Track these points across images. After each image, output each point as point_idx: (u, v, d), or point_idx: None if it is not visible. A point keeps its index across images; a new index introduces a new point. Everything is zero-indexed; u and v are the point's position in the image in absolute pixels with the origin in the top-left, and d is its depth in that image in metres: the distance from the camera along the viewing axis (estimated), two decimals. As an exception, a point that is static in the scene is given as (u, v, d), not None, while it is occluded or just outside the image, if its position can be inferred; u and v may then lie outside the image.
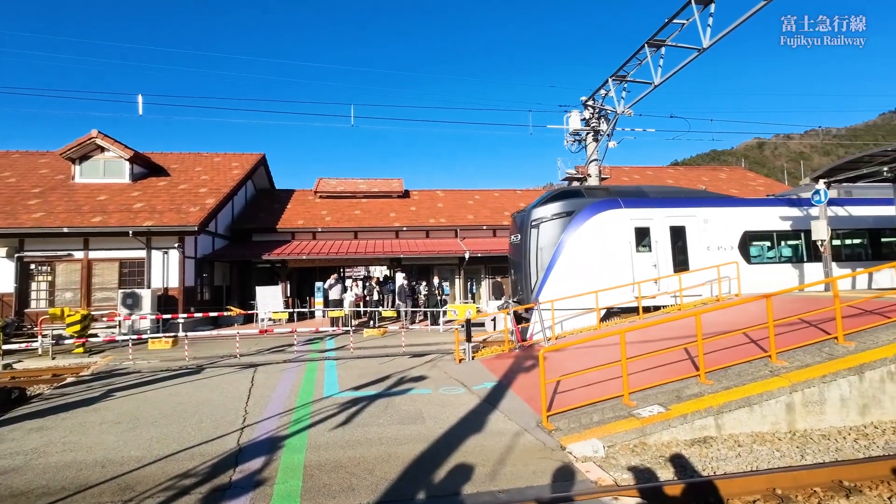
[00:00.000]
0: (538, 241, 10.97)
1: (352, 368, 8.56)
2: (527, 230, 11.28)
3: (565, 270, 10.62)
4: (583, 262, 10.71)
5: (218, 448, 4.60)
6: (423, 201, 23.68)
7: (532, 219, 11.22)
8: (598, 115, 15.38)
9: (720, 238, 11.56)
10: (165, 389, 7.27)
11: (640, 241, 11.21)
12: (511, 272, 12.47)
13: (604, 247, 10.92)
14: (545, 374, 5.18)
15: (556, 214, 11.06)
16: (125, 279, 14.89)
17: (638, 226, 11.23)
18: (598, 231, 10.93)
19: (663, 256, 11.23)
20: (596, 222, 10.94)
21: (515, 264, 11.98)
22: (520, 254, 11.54)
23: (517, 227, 11.99)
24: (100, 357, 11.04)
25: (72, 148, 17.00)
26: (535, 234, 11.04)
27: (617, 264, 10.87)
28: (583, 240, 10.81)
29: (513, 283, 12.26)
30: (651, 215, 11.34)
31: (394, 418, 5.47)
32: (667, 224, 11.38)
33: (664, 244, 11.27)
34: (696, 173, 29.35)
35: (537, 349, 8.89)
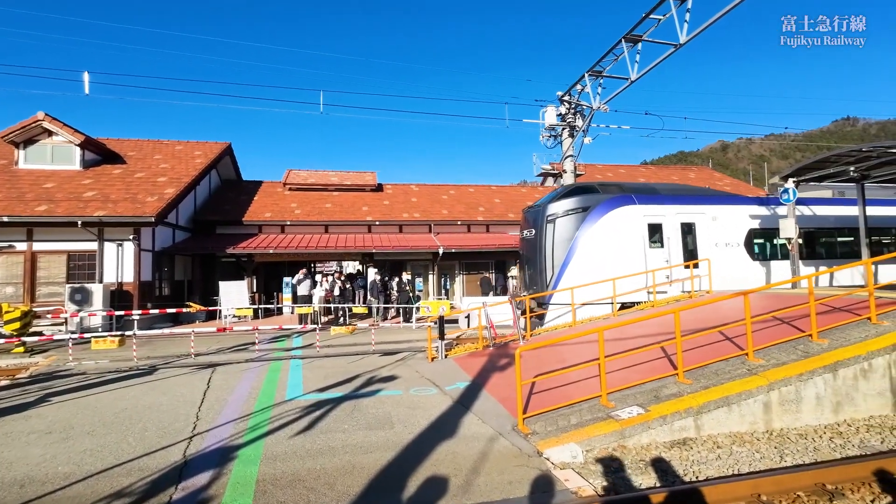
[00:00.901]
0: (554, 236, 11.07)
1: (318, 368, 8.11)
2: (542, 225, 11.35)
3: (581, 265, 10.72)
4: (598, 256, 10.83)
5: (161, 461, 4.12)
6: (396, 195, 23.19)
7: (547, 214, 11.29)
8: (574, 110, 15.30)
9: (727, 235, 11.91)
10: (110, 393, 6.64)
11: (653, 236, 11.42)
12: (524, 267, 12.51)
13: (619, 242, 11.09)
14: (521, 374, 4.92)
15: (572, 210, 11.15)
16: (74, 273, 13.85)
17: (651, 222, 11.44)
18: (613, 226, 11.09)
19: (675, 252, 11.46)
20: (611, 218, 11.09)
21: (528, 259, 12.04)
22: (534, 249, 11.61)
23: (530, 222, 12.07)
24: (42, 357, 10.18)
25: (14, 131, 15.67)
26: (551, 230, 11.13)
27: (631, 259, 11.02)
28: (599, 235, 10.94)
29: (527, 278, 12.17)
30: (663, 212, 11.59)
31: (360, 423, 5.09)
32: (678, 221, 11.64)
33: (675, 240, 11.53)
34: (667, 172, 29.95)
35: (513, 347, 8.67)
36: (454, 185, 25.86)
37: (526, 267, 12.27)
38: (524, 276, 12.47)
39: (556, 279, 10.88)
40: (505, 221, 21.49)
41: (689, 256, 11.54)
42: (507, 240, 19.85)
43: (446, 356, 8.60)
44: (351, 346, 10.55)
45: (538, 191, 26.34)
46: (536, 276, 11.44)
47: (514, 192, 25.76)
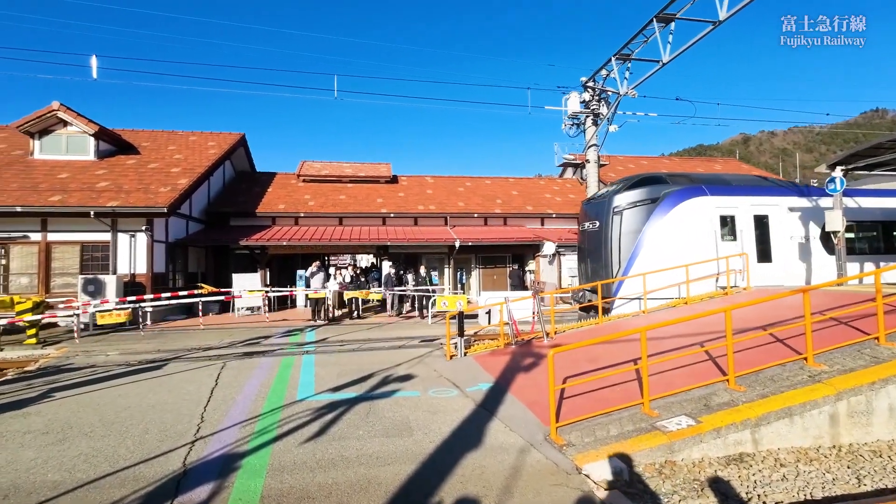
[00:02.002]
0: (621, 228, 10.73)
1: (331, 365, 7.72)
2: (607, 217, 11.03)
3: (650, 258, 10.29)
4: (668, 249, 10.38)
5: (158, 470, 3.74)
6: (411, 187, 22.73)
7: (613, 206, 10.96)
8: (599, 97, 14.60)
9: (803, 228, 11.35)
10: (115, 389, 6.34)
11: (726, 229, 10.94)
12: (585, 260, 12.19)
13: (689, 234, 10.62)
14: (546, 378, 4.42)
15: (640, 201, 10.74)
16: (88, 264, 13.74)
17: (723, 214, 10.97)
18: (683, 218, 10.64)
19: (748, 245, 10.99)
20: (682, 210, 10.62)
21: (591, 252, 11.74)
22: (597, 242, 11.29)
23: (592, 214, 11.76)
24: (54, 349, 10.01)
25: (30, 121, 15.61)
26: (618, 222, 10.80)
27: (702, 253, 10.54)
28: (668, 227, 10.50)
29: (589, 271, 11.77)
30: (736, 203, 11.10)
31: (376, 429, 4.66)
32: (751, 213, 11.15)
33: (748, 233, 11.05)
34: (692, 164, 28.90)
35: (536, 345, 8.17)
36: (470, 176, 25.29)
37: (588, 260, 11.91)
38: (585, 269, 12.11)
39: (622, 273, 10.51)
40: (523, 214, 20.90)
41: (762, 250, 11.10)
42: (525, 233, 19.26)
43: (465, 354, 8.13)
44: (365, 342, 10.16)
45: (556, 183, 25.62)
46: (601, 269, 11.10)
47: (532, 184, 25.08)
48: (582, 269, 12.51)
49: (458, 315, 8.23)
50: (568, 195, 23.37)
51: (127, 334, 11.79)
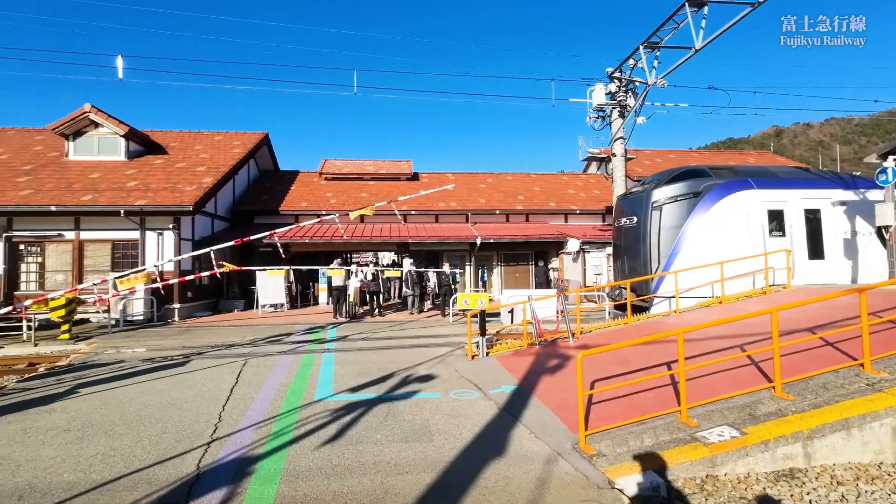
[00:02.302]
0: (660, 224, 10.33)
1: (351, 363, 7.61)
2: (645, 212, 10.62)
3: (692, 255, 9.85)
4: (711, 246, 9.88)
5: (172, 472, 3.65)
6: (432, 184, 22.51)
7: (652, 201, 10.55)
8: (626, 88, 14.07)
9: (858, 223, 10.65)
10: (138, 386, 6.38)
11: (774, 224, 10.38)
12: (621, 257, 11.85)
13: (735, 230, 10.11)
14: (575, 381, 4.14)
15: (681, 195, 10.30)
16: (118, 261, 14.09)
17: (771, 208, 10.41)
18: (728, 213, 10.15)
19: (798, 241, 10.40)
20: (726, 204, 10.14)
21: (628, 249, 11.36)
22: (635, 238, 10.91)
23: (629, 210, 11.38)
24: (85, 344, 10.27)
25: (64, 123, 16.12)
26: (657, 217, 10.39)
27: (748, 249, 10.00)
28: (712, 222, 10.04)
29: (626, 268, 11.45)
30: (785, 197, 10.52)
31: (395, 432, 4.48)
32: (801, 207, 10.53)
33: (799, 228, 10.45)
34: (723, 157, 27.74)
35: (561, 346, 7.86)
36: (492, 173, 24.95)
37: (625, 257, 11.52)
38: (622, 266, 11.72)
39: (662, 270, 10.10)
40: (546, 210, 20.46)
41: (813, 246, 10.50)
42: (548, 229, 18.84)
43: (488, 354, 7.89)
44: (386, 340, 10.04)
45: (580, 178, 25.00)
46: (639, 267, 10.70)
47: (555, 179, 24.54)
48: (618, 267, 12.10)
49: (479, 314, 8.00)
50: (592, 191, 22.76)
51: (154, 330, 12.03)
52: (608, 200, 21.17)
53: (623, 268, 11.59)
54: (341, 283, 13.80)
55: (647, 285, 10.18)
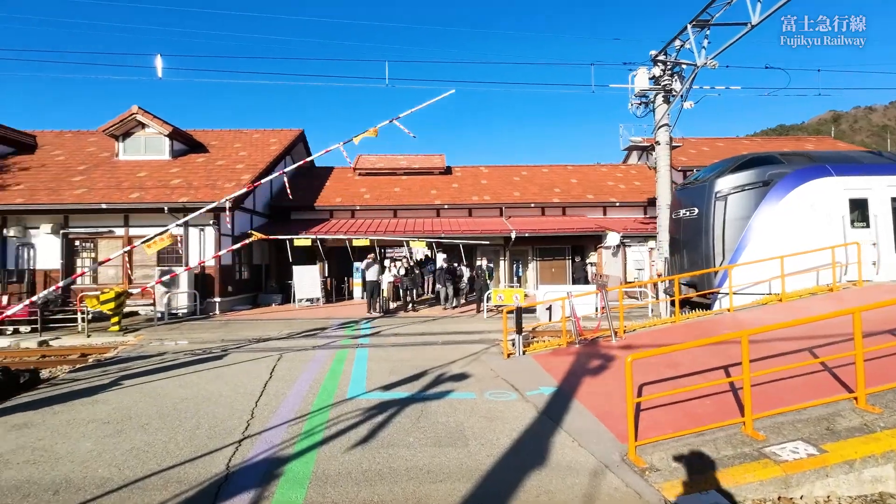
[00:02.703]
0: (725, 215, 9.63)
1: (384, 360, 7.47)
2: (708, 203, 9.93)
3: (760, 249, 9.17)
4: (783, 239, 9.17)
5: (202, 471, 3.58)
6: (465, 178, 22.24)
7: (716, 190, 9.84)
8: (671, 71, 13.21)
9: None
10: (178, 379, 6.48)
11: (856, 215, 9.48)
12: (679, 251, 11.20)
13: (810, 221, 9.31)
14: (620, 385, 3.77)
15: (749, 185, 9.58)
16: (163, 257, 14.63)
17: (853, 197, 9.48)
18: (803, 203, 9.33)
19: (884, 233, 9.43)
20: (801, 193, 9.33)
21: (687, 243, 10.72)
22: (695, 231, 10.25)
23: (689, 201, 10.71)
24: (133, 336, 10.68)
25: (114, 125, 16.89)
26: (721, 208, 9.69)
27: (825, 242, 9.20)
28: (784, 213, 9.28)
29: (685, 263, 10.85)
30: (869, 184, 9.54)
31: (428, 436, 4.26)
32: (888, 195, 9.51)
33: (885, 219, 9.48)
34: (777, 144, 25.90)
35: (603, 345, 7.43)
36: (526, 165, 24.32)
37: (684, 251, 10.84)
38: (679, 261, 11.05)
39: (727, 265, 9.40)
40: (583, 203, 19.73)
41: None
42: (586, 223, 18.14)
43: (524, 352, 7.57)
44: (419, 336, 9.88)
45: (619, 169, 23.98)
46: (699, 261, 10.04)
47: (593, 171, 23.65)
48: (675, 261, 11.37)
49: (515, 310, 7.67)
50: (633, 182, 21.78)
51: (196, 323, 12.40)
52: (650, 192, 20.17)
53: (681, 262, 10.87)
54: (375, 277, 13.77)
55: (709, 281, 9.46)
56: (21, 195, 14.13)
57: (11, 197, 14.01)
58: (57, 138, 19.96)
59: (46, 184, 14.96)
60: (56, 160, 17.27)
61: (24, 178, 15.46)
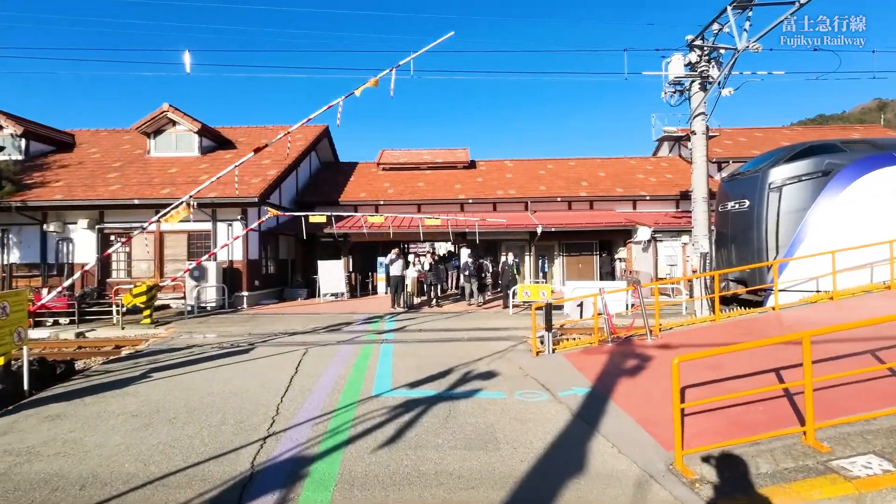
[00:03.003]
0: (779, 207, 9.12)
1: (410, 356, 7.33)
2: (760, 195, 9.42)
3: (819, 242, 8.64)
4: (845, 231, 8.63)
5: (227, 470, 3.49)
6: (490, 172, 21.91)
7: (769, 180, 9.32)
8: (708, 57, 12.55)
9: None
10: (205, 372, 6.50)
11: None
12: (726, 245, 10.69)
13: (877, 213, 8.71)
14: (663, 387, 3.48)
15: (806, 175, 9.07)
16: (193, 251, 14.94)
17: None
18: (868, 194, 8.76)
19: None
20: (866, 183, 8.76)
21: (735, 237, 10.23)
22: (745, 224, 9.75)
23: (737, 192, 10.19)
24: (164, 329, 10.90)
25: (146, 122, 17.31)
26: (776, 199, 9.19)
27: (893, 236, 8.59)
28: (846, 205, 8.75)
29: (732, 258, 10.34)
30: None
31: (457, 437, 4.08)
32: None
33: None
34: (820, 133, 24.50)
35: (638, 344, 7.08)
36: (552, 159, 23.79)
37: (732, 246, 10.29)
38: (727, 255, 10.51)
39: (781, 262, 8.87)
40: (612, 197, 19.13)
41: None
42: (615, 217, 17.58)
43: (554, 350, 7.29)
44: (445, 332, 9.71)
45: (649, 162, 23.17)
46: (749, 256, 9.52)
47: (622, 164, 22.92)
48: (722, 256, 10.80)
49: (544, 307, 7.39)
50: (664, 175, 21.00)
51: (225, 317, 12.58)
52: (683, 185, 19.39)
53: (728, 257, 10.29)
54: (399, 272, 13.67)
55: (760, 277, 8.91)
56: (60, 191, 14.63)
57: (51, 193, 14.53)
58: (94, 136, 20.65)
59: (83, 180, 15.46)
60: (92, 158, 17.85)
61: (63, 174, 16.02)
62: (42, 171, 16.31)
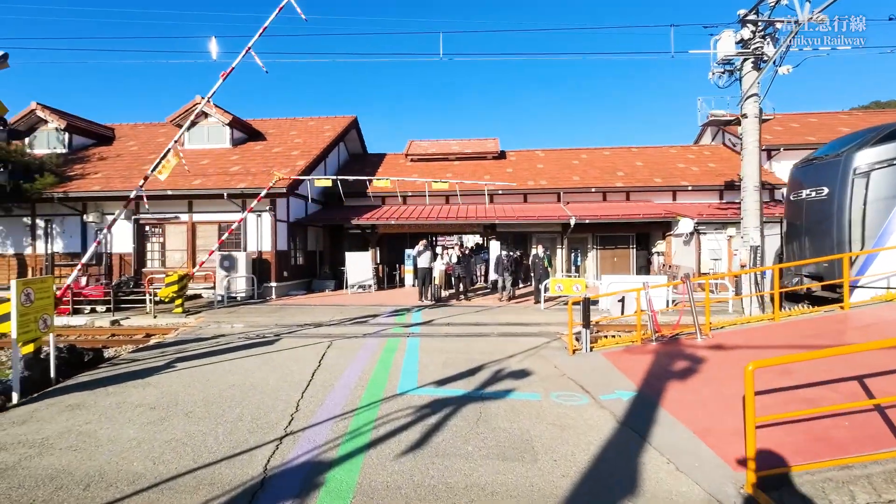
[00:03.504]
0: (866, 195, 8.25)
1: (437, 351, 6.97)
2: (842, 182, 8.60)
3: None
4: None
5: (238, 473, 3.22)
6: (520, 162, 21.25)
7: (854, 165, 8.47)
8: (763, 33, 11.51)
9: None
10: (228, 364, 6.34)
11: None
12: (800, 237, 9.84)
13: None
14: (718, 393, 2.94)
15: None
16: (224, 241, 15.06)
17: None
18: None
19: None
20: None
21: (810, 227, 9.44)
22: (824, 213, 8.94)
23: (814, 179, 9.38)
24: (194, 318, 10.96)
25: (179, 115, 17.60)
26: (861, 186, 8.32)
27: None
28: None
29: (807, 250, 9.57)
30: None
31: (489, 444, 3.67)
32: None
33: None
34: (883, 118, 22.49)
35: (686, 344, 6.46)
36: (586, 148, 22.87)
37: (806, 238, 9.46)
38: (799, 248, 9.66)
39: (867, 255, 8.07)
40: (650, 187, 18.14)
41: None
42: (653, 209, 16.65)
43: (591, 349, 6.76)
44: (473, 326, 9.31)
45: (691, 150, 21.90)
46: (827, 248, 8.72)
47: (661, 153, 21.76)
48: (793, 249, 9.89)
49: (583, 301, 6.86)
50: (706, 164, 19.78)
51: (253, 307, 12.59)
52: (727, 174, 18.20)
53: (800, 250, 9.39)
54: (427, 264, 13.34)
55: (840, 270, 8.05)
56: (98, 182, 15.03)
57: (90, 184, 14.94)
58: (132, 130, 21.24)
59: (120, 172, 15.84)
60: (130, 150, 18.32)
61: (102, 167, 16.48)
62: (83, 163, 16.84)
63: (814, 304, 7.86)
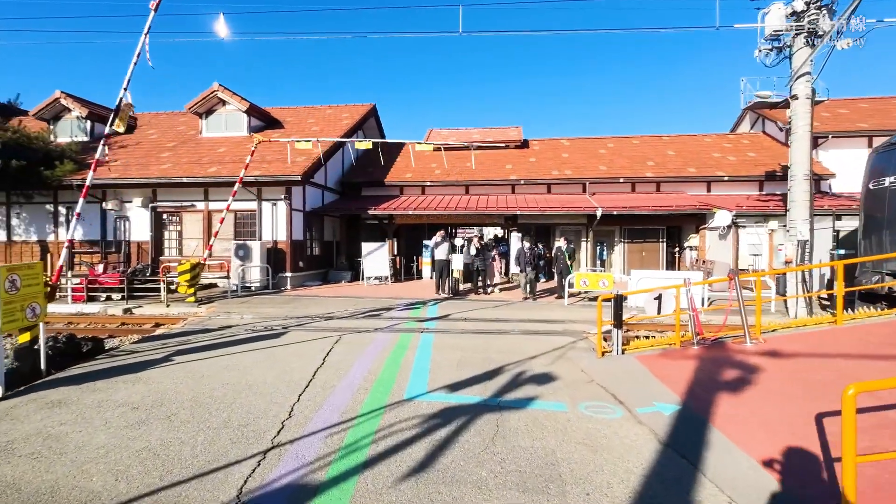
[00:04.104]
0: None
1: (451, 349, 6.41)
2: None
3: None
4: None
5: (207, 497, 2.72)
6: (544, 151, 20.36)
7: None
8: (819, 4, 10.39)
9: None
10: (228, 358, 5.93)
11: None
12: (879, 231, 9.12)
13: None
14: (781, 410, 2.26)
15: None
16: (239, 231, 14.85)
17: None
18: None
19: None
20: None
21: (893, 220, 8.70)
22: None
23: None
24: (205, 308, 10.70)
25: (197, 103, 17.40)
26: None
27: None
28: None
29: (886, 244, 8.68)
30: None
31: (507, 468, 3.08)
32: None
33: None
34: (945, 103, 20.62)
35: (734, 348, 5.70)
36: (613, 137, 21.77)
37: (886, 232, 8.69)
38: (878, 242, 8.73)
39: None
40: (682, 178, 17.05)
41: None
42: (687, 200, 15.60)
43: (623, 351, 6.08)
44: (492, 322, 8.70)
45: (728, 139, 20.57)
46: None
47: (695, 142, 20.52)
48: (872, 243, 8.95)
49: (614, 299, 6.16)
50: (745, 153, 18.50)
51: (267, 297, 12.28)
52: (767, 164, 16.95)
53: (880, 244, 8.44)
54: (445, 256, 12.77)
55: None
56: (117, 171, 14.96)
57: (109, 172, 14.88)
58: (154, 118, 21.26)
59: (139, 159, 15.77)
60: (150, 138, 18.28)
61: (122, 154, 16.45)
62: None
63: (892, 306, 6.93)
